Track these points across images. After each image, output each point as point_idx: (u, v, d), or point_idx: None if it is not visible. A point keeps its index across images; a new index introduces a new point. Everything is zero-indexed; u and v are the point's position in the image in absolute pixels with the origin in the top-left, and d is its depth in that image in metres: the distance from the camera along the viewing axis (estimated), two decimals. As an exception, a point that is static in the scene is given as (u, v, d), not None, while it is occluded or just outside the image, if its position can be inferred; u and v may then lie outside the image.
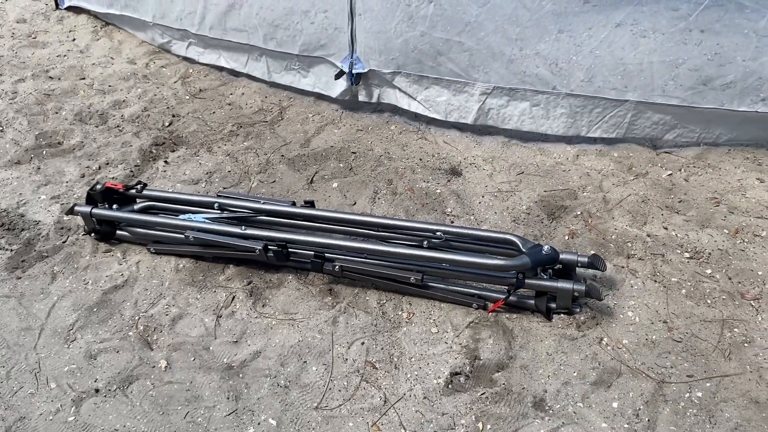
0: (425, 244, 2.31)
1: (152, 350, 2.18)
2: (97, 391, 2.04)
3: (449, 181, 2.92)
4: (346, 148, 3.19)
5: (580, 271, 2.27)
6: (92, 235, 2.62)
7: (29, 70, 3.94)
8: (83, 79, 3.87)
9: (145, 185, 2.67)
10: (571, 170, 2.94)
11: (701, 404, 1.90)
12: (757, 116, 2.75)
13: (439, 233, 2.30)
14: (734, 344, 2.07)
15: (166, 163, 3.12)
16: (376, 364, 2.09)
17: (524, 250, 2.16)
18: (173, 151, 3.22)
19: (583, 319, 2.18)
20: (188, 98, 3.67)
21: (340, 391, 2.01)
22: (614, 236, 2.53)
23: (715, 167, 2.86)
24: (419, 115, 3.34)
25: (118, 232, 2.62)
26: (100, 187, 2.59)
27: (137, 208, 2.65)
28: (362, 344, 2.16)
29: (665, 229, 2.55)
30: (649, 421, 1.86)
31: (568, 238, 2.55)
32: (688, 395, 1.93)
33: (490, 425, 1.89)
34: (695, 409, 1.89)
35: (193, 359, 2.13)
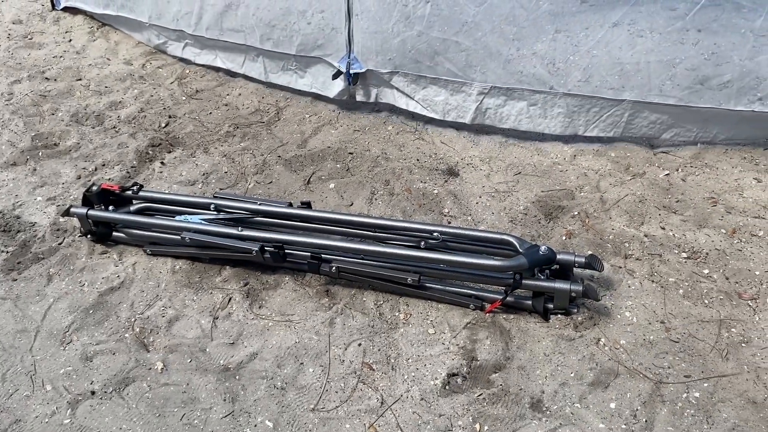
0: (422, 244, 2.30)
1: (148, 352, 2.17)
2: (93, 393, 2.03)
3: (446, 181, 2.92)
4: (343, 148, 3.18)
5: (577, 271, 2.26)
6: (88, 236, 2.61)
7: (25, 71, 3.92)
8: (79, 80, 3.86)
9: (141, 186, 2.66)
10: (568, 170, 2.94)
11: (699, 404, 1.90)
12: (753, 115, 2.75)
13: (436, 234, 2.29)
14: (732, 344, 2.07)
15: (162, 164, 3.12)
16: (373, 365, 2.08)
17: (521, 250, 2.16)
18: (170, 152, 3.21)
19: (580, 319, 2.18)
20: (185, 99, 3.67)
21: (337, 392, 2.01)
22: (611, 236, 2.53)
23: (712, 167, 2.86)
24: (416, 115, 3.34)
25: (114, 233, 2.61)
26: (96, 188, 2.58)
27: (133, 209, 2.64)
28: (359, 345, 2.15)
29: (662, 229, 2.55)
30: (646, 421, 1.86)
31: (565, 238, 2.54)
32: (685, 395, 1.92)
33: (487, 426, 1.88)
34: (693, 409, 1.88)
35: (189, 361, 2.13)
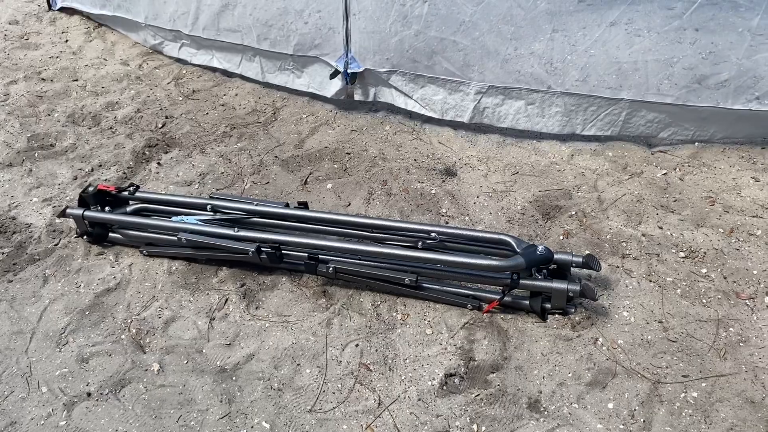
0: (420, 245, 2.30)
1: (145, 353, 2.16)
2: (89, 395, 2.02)
3: (444, 181, 2.91)
4: (340, 148, 3.17)
5: (574, 271, 2.26)
6: (84, 237, 2.60)
7: (21, 71, 3.91)
8: (76, 80, 3.85)
9: (137, 187, 2.65)
10: (565, 170, 2.93)
11: (697, 404, 1.89)
12: (751, 114, 2.75)
13: (433, 234, 2.29)
14: (729, 344, 2.06)
15: (159, 164, 3.11)
16: (370, 366, 2.08)
17: (519, 250, 2.15)
18: (166, 152, 3.20)
19: (578, 319, 2.17)
20: (181, 99, 3.65)
21: (334, 393, 2.00)
22: (609, 236, 2.52)
23: (710, 166, 2.86)
24: (414, 115, 3.33)
25: (110, 234, 2.60)
26: (92, 189, 2.57)
27: (130, 210, 2.63)
28: (356, 346, 2.14)
29: (660, 228, 2.55)
30: (644, 421, 1.85)
31: (562, 238, 2.54)
32: (683, 395, 1.92)
33: (485, 427, 1.87)
34: (691, 409, 1.88)
35: (186, 362, 2.12)
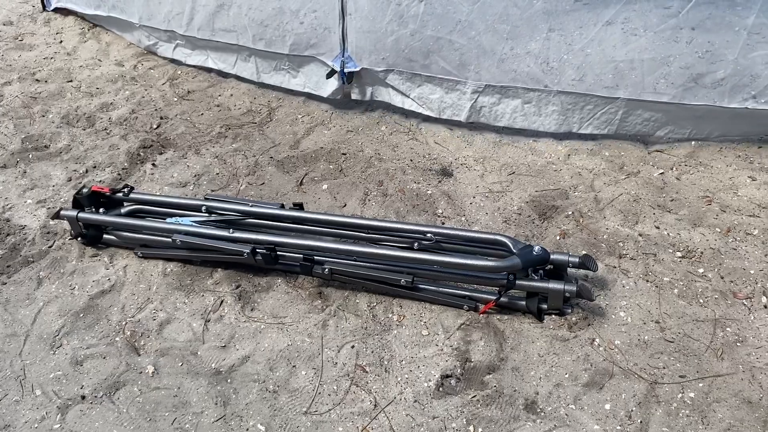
0: (416, 245, 2.28)
1: (139, 356, 2.15)
2: (83, 397, 2.01)
3: (440, 182, 2.90)
4: (336, 149, 3.16)
5: (571, 271, 2.25)
6: (79, 239, 2.58)
7: (16, 72, 3.89)
8: (70, 81, 3.83)
9: (132, 188, 2.63)
10: (562, 170, 2.92)
11: (694, 405, 1.88)
12: (747, 112, 2.74)
13: (429, 235, 2.28)
14: (727, 344, 2.06)
15: (153, 165, 3.09)
16: (366, 367, 2.07)
17: (515, 251, 2.14)
18: (161, 153, 3.18)
19: (574, 319, 2.17)
20: (176, 100, 3.64)
21: (329, 395, 1.99)
22: (606, 236, 2.52)
23: (706, 165, 2.85)
24: (411, 115, 3.33)
25: (105, 236, 2.58)
26: (86, 190, 2.55)
27: (124, 211, 2.62)
28: (352, 347, 2.13)
29: (657, 228, 2.54)
30: (641, 422, 1.85)
31: (559, 238, 2.53)
32: (680, 396, 1.91)
33: (481, 428, 1.87)
34: (688, 409, 1.87)
35: (180, 364, 2.11)
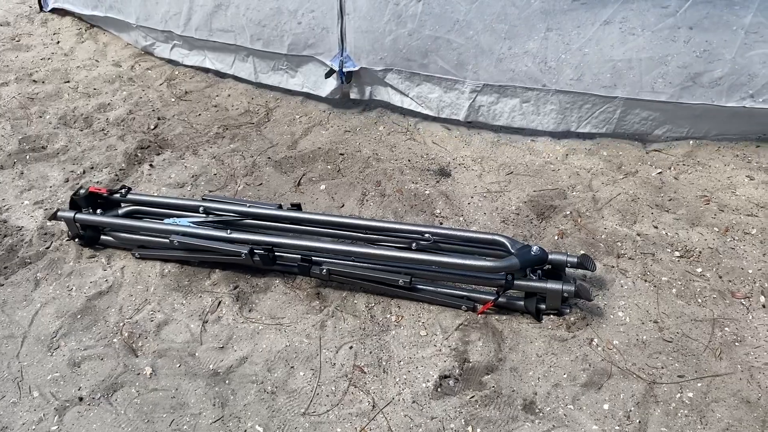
0: (414, 246, 2.28)
1: (137, 357, 2.14)
2: (81, 399, 2.00)
3: (438, 182, 2.89)
4: (333, 149, 3.15)
5: (569, 271, 2.25)
6: (76, 240, 2.58)
7: (13, 73, 3.88)
8: (68, 82, 3.82)
9: (129, 189, 2.63)
10: (560, 169, 2.92)
11: (692, 405, 1.88)
12: (745, 111, 2.75)
13: (427, 235, 2.27)
14: (725, 343, 2.05)
15: (151, 166, 3.08)
16: (364, 368, 2.06)
17: (513, 251, 2.14)
18: (158, 154, 3.17)
19: (573, 319, 2.16)
20: (174, 101, 3.63)
21: (327, 396, 1.99)
22: (604, 236, 2.52)
23: (704, 165, 2.85)
24: (409, 114, 3.32)
25: (102, 237, 2.58)
26: (83, 191, 2.55)
27: (122, 212, 2.61)
28: (350, 348, 2.13)
29: (655, 228, 2.54)
30: (640, 422, 1.85)
31: (557, 238, 2.53)
32: (679, 396, 1.91)
33: (479, 429, 1.86)
34: (686, 409, 1.87)
35: (178, 366, 2.10)
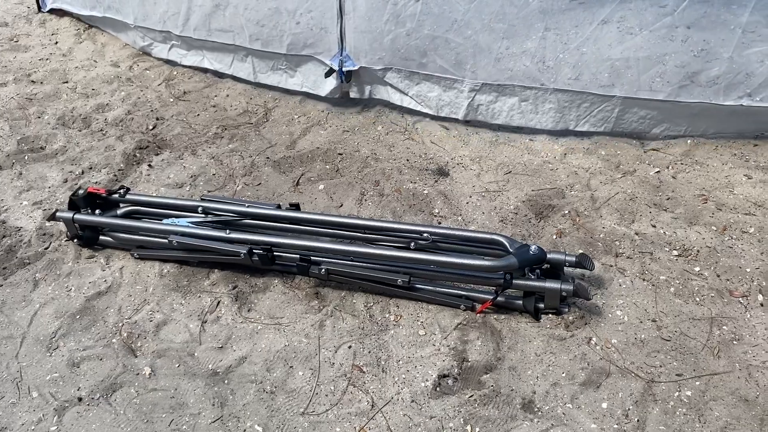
0: (412, 245, 2.28)
1: (136, 357, 2.14)
2: (80, 399, 2.00)
3: (437, 181, 2.90)
4: (332, 149, 3.16)
5: (568, 270, 2.25)
6: (75, 241, 2.58)
7: (11, 74, 3.88)
8: (66, 82, 3.82)
9: (128, 190, 2.63)
10: (558, 169, 2.92)
11: (691, 403, 1.89)
12: (742, 110, 2.75)
13: (426, 235, 2.28)
14: (723, 342, 2.06)
15: (149, 166, 3.08)
16: (363, 367, 2.07)
17: (511, 250, 2.14)
18: (157, 154, 3.17)
19: (571, 319, 2.17)
20: (172, 101, 3.63)
21: (327, 395, 1.99)
22: (602, 235, 2.52)
23: (702, 164, 2.85)
24: (408, 114, 3.33)
25: (101, 237, 2.58)
26: (82, 192, 2.55)
27: (120, 213, 2.61)
28: (349, 348, 2.13)
29: (653, 227, 2.54)
30: (638, 421, 1.85)
31: (555, 237, 2.53)
32: (677, 394, 1.91)
33: (478, 428, 1.87)
34: (685, 408, 1.88)
35: (177, 366, 2.10)
